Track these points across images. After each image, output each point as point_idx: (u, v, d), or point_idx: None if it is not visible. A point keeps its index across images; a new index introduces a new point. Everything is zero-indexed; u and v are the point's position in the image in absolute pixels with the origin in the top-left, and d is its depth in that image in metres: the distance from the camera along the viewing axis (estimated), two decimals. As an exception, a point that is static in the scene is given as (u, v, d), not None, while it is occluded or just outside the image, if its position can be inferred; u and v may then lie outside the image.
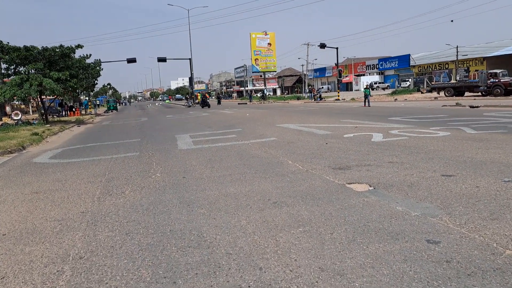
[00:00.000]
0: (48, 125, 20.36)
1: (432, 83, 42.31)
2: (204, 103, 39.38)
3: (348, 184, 5.04)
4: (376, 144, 7.98)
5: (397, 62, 68.40)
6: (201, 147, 9.37)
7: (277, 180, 5.47)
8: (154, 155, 8.70)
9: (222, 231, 3.63)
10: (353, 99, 36.04)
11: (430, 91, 39.27)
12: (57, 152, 10.52)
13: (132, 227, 3.93)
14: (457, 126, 10.22)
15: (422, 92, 41.94)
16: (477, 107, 18.33)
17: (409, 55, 65.86)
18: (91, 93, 77.01)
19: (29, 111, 49.50)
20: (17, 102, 44.44)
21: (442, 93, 33.65)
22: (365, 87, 24.76)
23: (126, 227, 3.96)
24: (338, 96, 37.70)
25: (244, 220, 3.90)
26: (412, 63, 64.96)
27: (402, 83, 62.94)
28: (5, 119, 36.88)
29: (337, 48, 37.80)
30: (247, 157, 7.51)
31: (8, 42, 21.20)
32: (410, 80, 61.40)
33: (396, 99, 32.57)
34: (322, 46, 37.14)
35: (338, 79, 39.84)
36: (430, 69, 61.39)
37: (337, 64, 40.03)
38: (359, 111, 20.16)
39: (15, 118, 37.28)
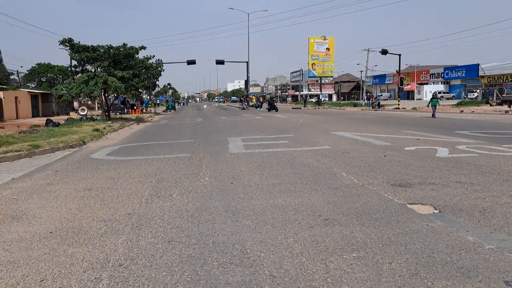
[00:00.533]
0: (109, 122, 21.30)
1: (503, 95, 39.30)
2: (272, 106, 36.89)
3: (410, 204, 4.57)
4: (441, 160, 7.33)
5: (464, 71, 64.57)
6: (252, 152, 9.19)
7: (329, 194, 5.11)
8: (204, 157, 8.65)
9: (267, 248, 3.36)
10: (414, 108, 34.31)
11: (500, 103, 36.45)
12: (114, 149, 10.84)
13: (175, 235, 3.78)
14: (535, 144, 9.20)
15: (491, 105, 39.03)
16: (557, 123, 16.61)
17: (478, 64, 61.88)
18: (153, 93, 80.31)
19: (95, 107, 52.50)
20: (84, 98, 47.27)
21: (514, 106, 31.07)
22: (432, 96, 23.09)
23: (169, 234, 3.82)
24: (399, 104, 36.11)
25: (292, 237, 3.61)
26: (481, 73, 60.95)
27: (469, 94, 59.25)
28: (72, 114, 39.36)
29: (399, 55, 36.23)
30: (298, 166, 7.20)
31: (79, 41, 22.53)
32: (478, 91, 57.67)
33: (462, 111, 30.55)
34: (384, 52, 35.77)
35: (399, 87, 38.13)
36: (501, 80, 57.10)
37: (398, 71, 38.35)
38: (421, 121, 19.05)
39: (81, 113, 39.63)
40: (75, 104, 48.21)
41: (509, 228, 3.65)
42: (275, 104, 37.57)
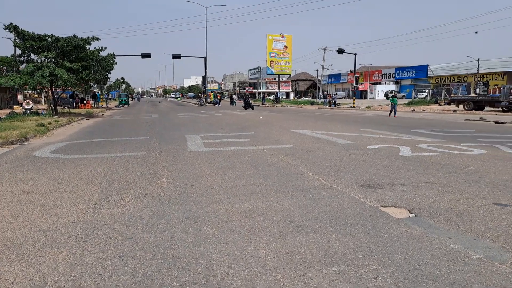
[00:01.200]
0: (56, 117, 19.90)
1: (451, 95, 41.21)
2: (248, 105, 34.10)
3: (383, 207, 4.31)
4: (406, 159, 7.22)
5: (414, 72, 67.32)
6: (212, 150, 8.71)
7: (299, 197, 4.77)
8: (161, 156, 8.07)
9: (236, 263, 2.94)
10: (368, 107, 35.13)
11: (448, 103, 38.17)
12: (60, 146, 9.95)
13: (127, 248, 3.26)
14: (490, 144, 9.40)
15: (439, 104, 40.79)
16: (503, 123, 17.41)
17: (427, 65, 64.70)
18: (105, 86, 76.92)
19: (41, 101, 49.46)
20: (30, 91, 44.28)
21: (461, 106, 32.59)
22: (392, 95, 23.59)
23: (120, 247, 3.29)
24: (354, 103, 36.84)
25: (263, 248, 3.21)
26: (430, 74, 63.78)
27: (418, 93, 61.79)
28: (16, 108, 36.75)
29: (355, 55, 36.95)
30: (263, 165, 6.82)
31: (22, 29, 20.76)
32: (427, 91, 60.28)
33: (413, 110, 31.63)
34: (340, 51, 36.28)
35: (354, 86, 38.93)
36: (448, 81, 60.15)
37: (354, 71, 39.11)
38: (378, 120, 19.35)
39: (26, 107, 37.05)
40: (20, 97, 45.23)
41: (491, 234, 3.45)
42: (251, 102, 36.06)
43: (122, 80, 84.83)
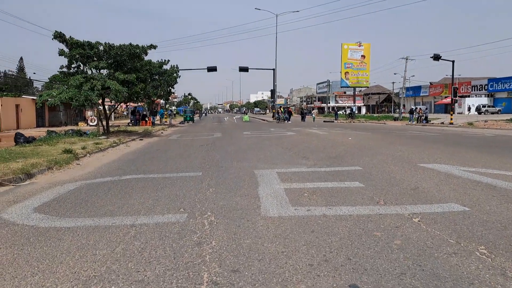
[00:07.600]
0: (103, 137, 16.93)
1: None
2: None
3: None
4: None
5: (511, 83, 58.39)
6: (309, 215, 4.54)
7: None
8: (213, 231, 4.05)
9: None
10: (470, 123, 28.90)
11: None
12: (65, 191, 6.35)
13: None
14: None
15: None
16: None
17: (527, 75, 55.68)
18: (173, 101, 76.62)
19: (111, 117, 48.80)
20: (101, 108, 43.50)
21: None
22: None
23: None
24: (451, 119, 30.69)
25: None
26: (531, 85, 54.68)
27: (519, 107, 52.99)
28: (81, 124, 35.69)
29: (453, 62, 30.81)
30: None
31: (70, 36, 18.31)
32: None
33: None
34: (436, 57, 30.45)
35: (452, 99, 32.56)
36: (557, 93, 50.79)
37: (452, 81, 32.81)
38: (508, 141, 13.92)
39: (91, 124, 35.84)
40: (89, 113, 44.73)
41: None
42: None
43: (190, 96, 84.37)
